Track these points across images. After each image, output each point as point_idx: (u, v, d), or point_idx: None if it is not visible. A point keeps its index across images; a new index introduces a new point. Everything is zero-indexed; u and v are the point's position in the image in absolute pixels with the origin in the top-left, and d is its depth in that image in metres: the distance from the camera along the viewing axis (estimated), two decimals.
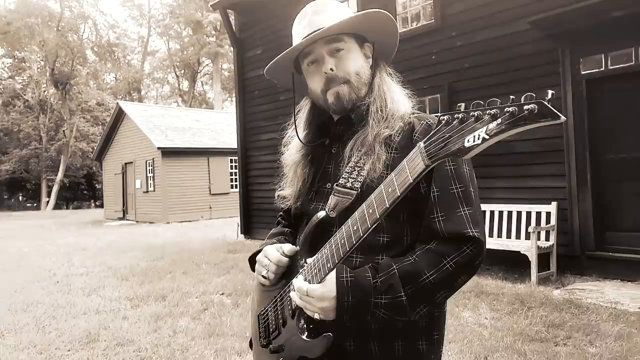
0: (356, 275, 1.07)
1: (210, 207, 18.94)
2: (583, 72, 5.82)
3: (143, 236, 13.15)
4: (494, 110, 0.77)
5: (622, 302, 4.68)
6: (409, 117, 1.18)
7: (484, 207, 6.04)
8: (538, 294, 5.08)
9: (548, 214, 5.99)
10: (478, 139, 0.78)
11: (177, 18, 37.14)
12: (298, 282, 1.12)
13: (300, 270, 1.17)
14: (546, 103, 0.72)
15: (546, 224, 5.95)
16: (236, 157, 19.66)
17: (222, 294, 5.83)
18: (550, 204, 5.97)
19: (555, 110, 0.71)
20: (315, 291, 1.07)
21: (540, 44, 6.12)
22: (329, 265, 1.06)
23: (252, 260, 1.38)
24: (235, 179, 19.67)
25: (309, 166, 1.30)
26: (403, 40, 7.75)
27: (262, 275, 1.25)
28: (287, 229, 1.44)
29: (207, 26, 35.10)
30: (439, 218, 1.07)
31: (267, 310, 1.29)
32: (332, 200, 1.16)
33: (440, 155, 0.84)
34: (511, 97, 0.77)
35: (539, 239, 5.75)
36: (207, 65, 40.24)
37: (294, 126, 1.35)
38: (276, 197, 1.41)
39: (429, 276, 1.03)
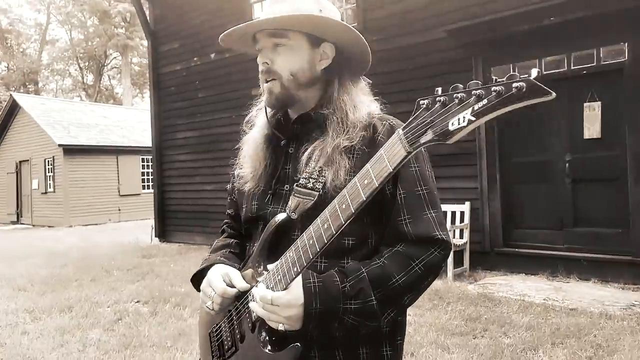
0: (324, 280, 1.02)
1: (119, 209, 17.79)
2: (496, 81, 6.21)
3: (42, 241, 11.99)
4: (479, 90, 0.73)
5: (529, 294, 5.06)
6: (371, 119, 1.14)
7: None
8: (455, 290, 5.33)
9: (462, 213, 6.33)
10: (463, 121, 0.74)
11: (81, 6, 34.50)
12: (260, 290, 1.03)
13: (260, 279, 1.08)
14: (535, 80, 0.69)
15: (460, 223, 6.28)
16: (149, 156, 18.85)
17: (138, 302, 5.44)
18: (464, 203, 6.31)
19: (546, 87, 0.69)
20: (281, 299, 0.99)
21: (455, 52, 6.45)
22: (295, 270, 0.98)
23: (196, 279, 1.28)
24: (148, 179, 18.72)
25: (269, 157, 1.23)
26: None
27: (207, 306, 1.17)
28: (232, 240, 1.34)
29: (116, 16, 33.01)
30: (406, 220, 1.05)
31: (220, 327, 1.20)
32: (292, 201, 1.10)
33: (423, 141, 0.79)
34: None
35: (454, 237, 6.05)
36: (115, 58, 37.86)
37: (259, 105, 1.30)
38: (235, 177, 1.32)
39: (398, 279, 1.01)
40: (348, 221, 0.90)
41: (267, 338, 1.07)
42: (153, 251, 9.14)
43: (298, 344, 1.01)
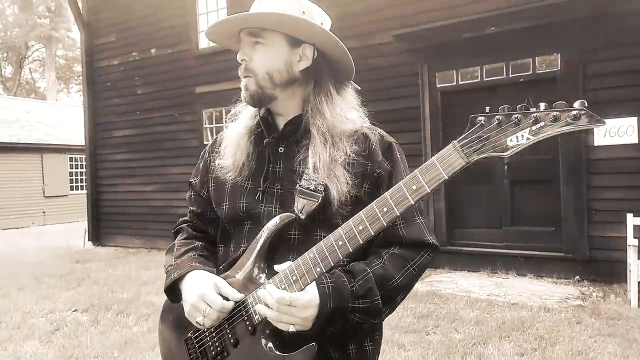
0: (335, 281, 1.04)
1: (44, 212, 16.60)
2: (438, 85, 6.47)
3: None
4: (536, 114, 0.85)
5: (473, 291, 5.29)
6: (360, 129, 1.18)
7: None
8: None
9: None
10: (522, 138, 0.85)
11: None
12: (275, 292, 1.01)
13: (269, 280, 1.06)
14: (588, 109, 0.81)
15: None
16: (77, 155, 17.73)
17: (75, 310, 5.09)
18: None
19: (597, 116, 0.81)
20: (300, 300, 0.99)
21: (402, 56, 6.63)
22: (317, 270, 1.00)
23: (170, 290, 1.22)
24: (76, 179, 17.64)
25: (253, 152, 1.21)
26: None
27: (197, 321, 1.11)
28: (197, 242, 1.28)
29: (39, 6, 30.81)
30: (401, 225, 1.12)
31: (201, 333, 1.15)
32: (298, 202, 1.11)
33: (483, 154, 0.90)
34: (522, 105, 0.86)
35: None
36: (37, 50, 35.31)
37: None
38: (210, 168, 1.29)
39: (397, 279, 1.08)
40: (390, 223, 0.97)
41: (272, 340, 1.05)
42: (87, 256, 8.61)
43: (314, 343, 1.01)
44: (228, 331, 1.11)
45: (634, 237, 5.16)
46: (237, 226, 1.19)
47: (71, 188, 17.48)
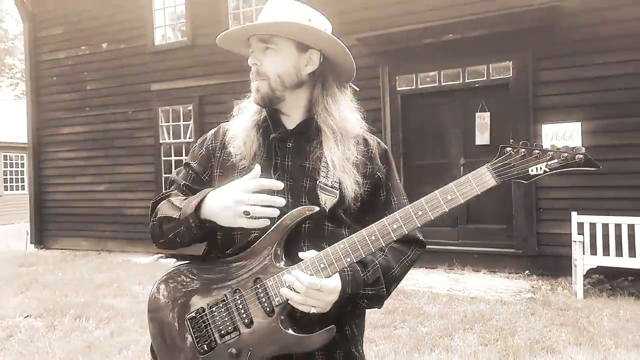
0: (353, 270, 1.16)
1: None
2: (399, 89, 6.67)
3: None
4: (552, 153, 1.06)
5: (434, 286, 5.50)
6: (363, 133, 1.31)
7: None
8: None
9: None
10: (540, 170, 1.07)
11: None
12: (307, 277, 1.09)
13: (294, 266, 1.13)
14: (589, 156, 1.04)
15: None
16: (13, 153, 16.66)
17: (28, 316, 4.82)
18: None
19: (595, 161, 1.04)
20: (328, 285, 1.09)
21: (365, 59, 6.76)
22: (348, 260, 1.10)
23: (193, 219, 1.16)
24: (12, 178, 16.64)
25: (261, 144, 1.28)
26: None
27: (245, 213, 1.08)
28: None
29: None
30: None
31: (207, 312, 1.17)
32: (322, 196, 1.19)
33: (510, 178, 1.09)
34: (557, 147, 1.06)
35: None
36: None
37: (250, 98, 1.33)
38: (235, 156, 1.27)
39: (395, 270, 1.23)
40: (423, 224, 1.11)
41: (290, 322, 1.13)
42: (31, 259, 8.14)
43: (333, 325, 1.11)
44: (242, 311, 1.14)
45: (578, 234, 5.58)
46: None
47: (6, 188, 16.44)
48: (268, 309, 1.12)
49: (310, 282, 1.07)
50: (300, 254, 1.12)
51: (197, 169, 1.32)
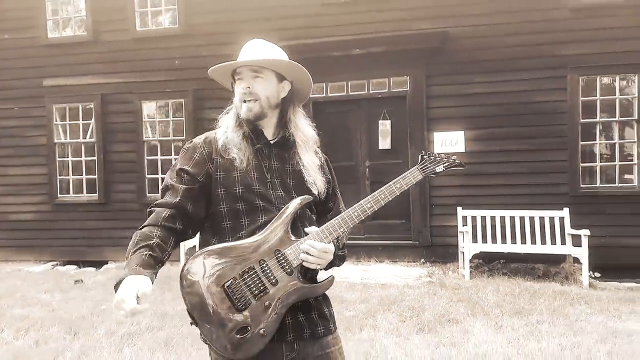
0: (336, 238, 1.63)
1: None
2: (311, 96, 7.13)
3: None
4: (446, 158, 1.71)
5: (348, 276, 6.09)
6: (315, 147, 1.74)
7: None
8: None
9: None
10: (441, 169, 1.69)
11: None
12: (320, 244, 1.52)
13: (306, 237, 1.54)
14: (460, 161, 1.72)
15: None
16: None
17: None
18: None
19: (462, 163, 1.72)
20: (330, 248, 1.54)
21: None
22: (341, 230, 1.57)
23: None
24: None
25: (251, 152, 1.61)
26: (144, 40, 7.41)
27: (117, 312, 1.41)
28: (155, 240, 1.49)
29: None
30: (342, 204, 1.78)
31: (240, 280, 1.48)
32: (312, 188, 1.64)
33: (428, 174, 1.69)
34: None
35: None
36: None
37: (230, 113, 1.67)
38: (236, 160, 1.57)
39: (345, 239, 1.73)
40: (383, 204, 1.61)
41: (304, 277, 1.55)
42: None
43: (333, 275, 1.60)
44: (269, 274, 1.49)
45: (463, 225, 6.59)
46: (250, 205, 1.56)
47: None
48: (288, 270, 1.50)
49: (323, 247, 1.51)
50: (306, 229, 1.55)
51: (192, 171, 1.57)
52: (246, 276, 1.48)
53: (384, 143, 7.16)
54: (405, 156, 7.07)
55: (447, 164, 1.69)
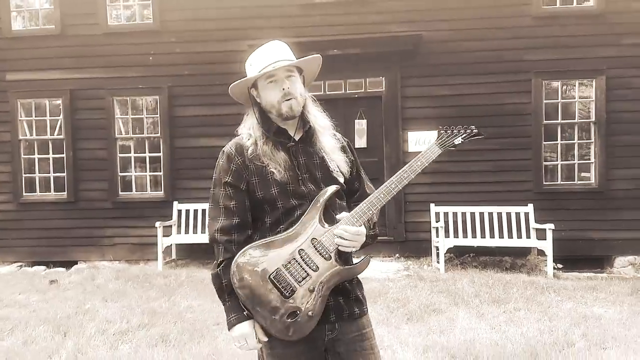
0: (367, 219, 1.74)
1: None
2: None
3: None
4: (464, 129, 1.75)
5: None
6: (333, 131, 1.84)
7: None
8: None
9: None
10: (459, 141, 1.74)
11: None
12: (353, 228, 1.61)
13: (338, 223, 1.64)
14: (479, 131, 1.76)
15: None
16: None
17: None
18: None
19: (481, 132, 1.76)
20: (363, 230, 1.65)
21: None
22: (369, 213, 1.65)
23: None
24: None
25: (282, 156, 1.71)
26: (116, 34, 7.24)
27: (239, 346, 1.69)
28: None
29: None
30: (368, 184, 1.86)
31: (283, 270, 1.61)
32: (339, 177, 1.74)
33: (446, 147, 1.73)
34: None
35: None
36: None
37: (248, 122, 1.77)
38: (274, 173, 1.68)
39: (376, 218, 1.79)
40: (407, 182, 1.68)
41: (341, 260, 1.65)
42: None
43: (368, 255, 1.68)
44: (310, 262, 1.61)
45: (437, 221, 6.89)
46: (286, 203, 1.68)
47: None
48: (326, 256, 1.61)
49: (355, 230, 1.61)
50: (337, 216, 1.65)
51: (233, 182, 1.69)
52: (289, 266, 1.60)
53: (360, 142, 7.35)
54: (380, 154, 7.30)
55: (465, 134, 1.75)
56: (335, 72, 7.18)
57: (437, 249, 6.83)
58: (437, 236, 6.78)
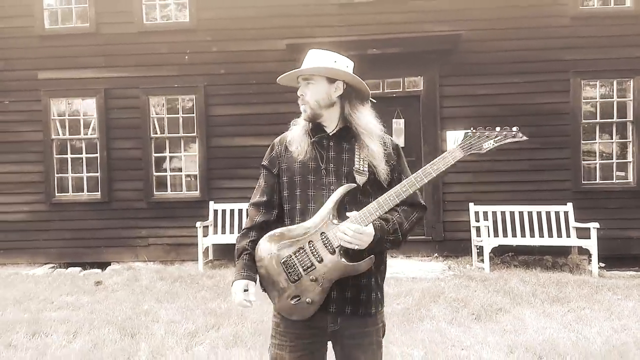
0: (381, 222, 1.76)
1: None
2: None
3: None
4: (496, 132, 1.70)
5: None
6: (383, 134, 1.89)
7: None
8: None
9: None
10: (491, 145, 1.69)
11: None
12: (355, 225, 1.69)
13: (346, 221, 1.71)
14: (520, 132, 1.68)
15: None
16: None
17: None
18: None
19: (523, 136, 1.66)
20: (367, 230, 1.70)
21: (290, 63, 7.12)
22: (377, 213, 1.71)
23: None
24: None
25: (310, 145, 1.86)
26: (152, 33, 7.15)
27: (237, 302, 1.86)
28: (251, 240, 1.88)
29: None
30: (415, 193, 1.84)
31: (293, 257, 1.76)
32: (357, 177, 1.79)
33: (470, 151, 1.70)
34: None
35: None
36: None
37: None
38: (294, 152, 1.85)
39: (406, 224, 1.82)
40: (422, 186, 1.72)
41: (345, 256, 1.72)
42: None
43: (373, 256, 1.71)
44: (315, 253, 1.73)
45: (476, 221, 6.88)
46: (305, 192, 1.82)
47: None
48: (331, 250, 1.72)
49: (357, 228, 1.68)
50: (348, 214, 1.73)
51: (268, 166, 1.92)
52: (298, 254, 1.75)
53: (398, 141, 7.12)
54: (418, 153, 7.28)
55: (498, 137, 1.65)
56: (374, 71, 7.17)
57: (477, 248, 6.83)
58: (478, 235, 6.78)
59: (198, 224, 6.83)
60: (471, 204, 7.03)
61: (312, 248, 1.72)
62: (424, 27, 7.20)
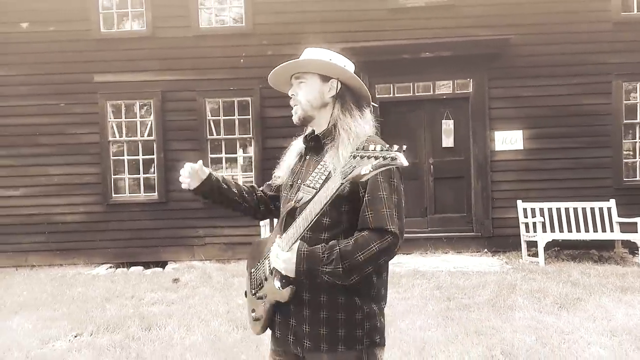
0: (312, 250, 1.49)
1: None
2: (378, 96, 7.48)
3: None
4: (374, 154, 1.21)
5: (438, 266, 6.46)
6: (367, 138, 1.59)
7: None
8: None
9: None
10: (366, 170, 1.22)
11: None
12: (275, 249, 1.55)
13: (278, 242, 1.57)
14: (400, 155, 1.19)
15: None
16: None
17: (77, 335, 4.23)
18: None
19: (404, 161, 1.19)
20: (283, 255, 1.50)
21: None
22: (294, 237, 1.49)
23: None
24: None
25: (296, 162, 1.78)
26: (208, 37, 7.32)
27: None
28: (248, 186, 1.91)
29: None
30: (369, 214, 1.49)
31: (255, 270, 1.75)
32: (299, 194, 1.63)
33: (349, 178, 1.27)
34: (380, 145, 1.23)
35: None
36: None
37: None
38: (273, 177, 1.87)
39: (360, 255, 1.44)
40: (319, 214, 1.40)
41: (278, 279, 1.56)
42: None
43: (293, 285, 1.52)
44: (262, 271, 1.67)
45: (524, 217, 7.19)
46: (282, 207, 1.74)
47: None
48: (269, 271, 1.62)
49: (275, 251, 1.53)
50: (284, 234, 1.54)
51: (276, 172, 1.85)
52: (256, 268, 1.73)
53: (448, 141, 7.62)
54: (467, 153, 7.58)
55: (377, 162, 1.20)
56: (424, 74, 7.47)
57: (527, 243, 7.14)
58: (528, 231, 7.09)
59: (262, 222, 7.04)
60: (519, 201, 7.33)
61: (264, 265, 1.67)
62: (471, 31, 7.49)
